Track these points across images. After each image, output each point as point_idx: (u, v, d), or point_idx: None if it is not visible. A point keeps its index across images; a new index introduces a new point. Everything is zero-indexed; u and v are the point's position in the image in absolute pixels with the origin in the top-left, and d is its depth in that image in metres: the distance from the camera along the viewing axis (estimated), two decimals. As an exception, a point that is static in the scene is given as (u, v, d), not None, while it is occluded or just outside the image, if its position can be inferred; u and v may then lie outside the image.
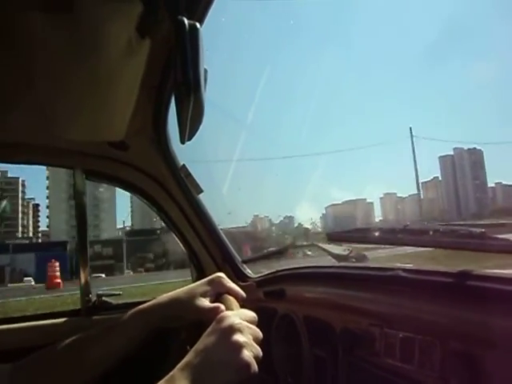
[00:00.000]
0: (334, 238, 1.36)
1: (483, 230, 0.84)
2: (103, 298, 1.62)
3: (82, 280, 1.59)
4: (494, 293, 0.71)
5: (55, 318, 1.55)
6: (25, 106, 1.16)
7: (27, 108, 1.17)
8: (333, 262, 1.41)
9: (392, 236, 1.10)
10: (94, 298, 1.61)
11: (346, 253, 1.34)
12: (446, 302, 0.79)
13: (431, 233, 0.94)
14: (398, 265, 0.97)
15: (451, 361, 0.74)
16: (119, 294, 1.67)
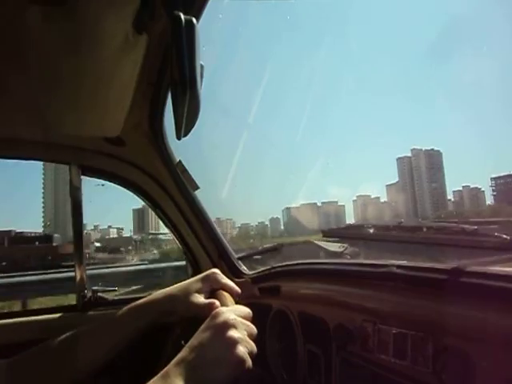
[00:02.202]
0: (328, 234, 1.36)
1: (476, 227, 0.85)
2: (99, 294, 1.62)
3: (78, 275, 1.59)
4: (487, 289, 0.72)
5: (51, 314, 1.55)
6: (21, 102, 1.15)
7: (23, 103, 1.16)
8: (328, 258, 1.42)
9: (386, 233, 1.10)
10: (89, 294, 1.61)
11: (340, 249, 1.34)
12: (440, 298, 0.79)
13: (425, 229, 0.95)
14: (392, 261, 0.98)
15: (444, 356, 0.75)
16: (115, 290, 1.67)
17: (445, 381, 0.74)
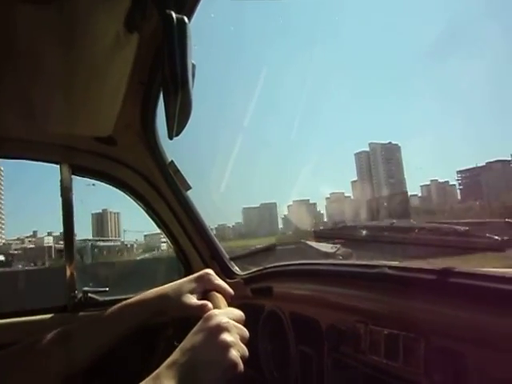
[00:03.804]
0: (320, 235, 1.36)
1: (467, 228, 0.85)
2: (89, 295, 1.61)
3: (68, 276, 1.58)
4: (478, 290, 0.72)
5: (41, 314, 1.54)
6: (11, 100, 1.14)
7: (13, 102, 1.15)
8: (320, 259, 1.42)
9: (378, 233, 1.11)
10: (79, 295, 1.60)
11: (333, 250, 1.34)
12: (431, 299, 0.80)
13: (417, 230, 0.95)
14: (384, 262, 0.98)
15: (435, 357, 0.75)
16: (106, 291, 1.66)
17: (436, 381, 0.74)
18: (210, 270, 0.97)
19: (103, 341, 0.94)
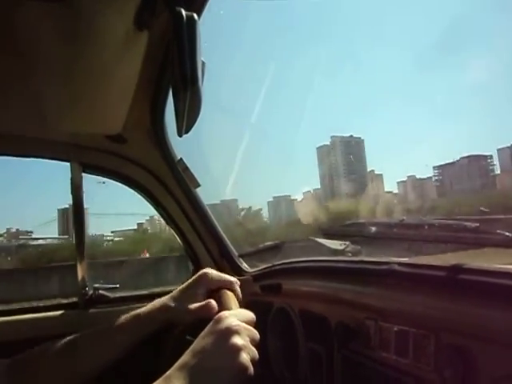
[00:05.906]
0: (329, 232, 1.36)
1: (478, 224, 0.85)
2: (100, 292, 1.62)
3: (79, 273, 1.59)
4: (489, 286, 0.72)
5: (52, 311, 1.55)
6: (21, 98, 1.15)
7: (23, 100, 1.16)
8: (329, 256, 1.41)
9: (388, 230, 1.10)
10: (90, 292, 1.61)
11: (342, 247, 1.34)
12: (441, 296, 0.79)
13: (426, 227, 0.95)
14: (394, 259, 0.97)
15: (445, 354, 0.75)
16: (116, 288, 1.67)
17: (446, 378, 0.74)
18: (208, 269, 0.96)
19: (115, 350, 0.95)
